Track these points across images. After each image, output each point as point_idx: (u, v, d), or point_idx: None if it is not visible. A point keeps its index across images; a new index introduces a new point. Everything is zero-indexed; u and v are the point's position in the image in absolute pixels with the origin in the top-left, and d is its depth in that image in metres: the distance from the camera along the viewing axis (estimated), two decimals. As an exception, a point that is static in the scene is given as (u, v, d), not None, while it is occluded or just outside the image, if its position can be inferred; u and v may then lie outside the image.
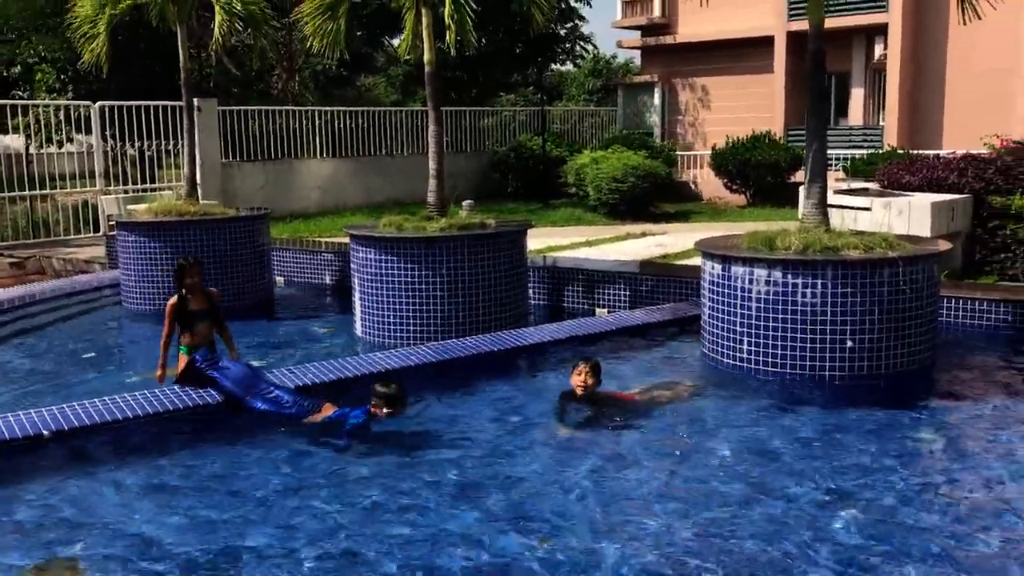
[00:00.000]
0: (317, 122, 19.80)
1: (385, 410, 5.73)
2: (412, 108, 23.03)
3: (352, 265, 8.91)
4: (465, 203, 13.07)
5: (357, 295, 8.83)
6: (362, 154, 20.60)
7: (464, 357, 7.37)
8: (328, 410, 5.96)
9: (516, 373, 7.44)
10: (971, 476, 5.25)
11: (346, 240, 9.56)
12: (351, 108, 21.21)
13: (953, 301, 8.34)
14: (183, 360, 6.51)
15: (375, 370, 6.84)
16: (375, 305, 8.59)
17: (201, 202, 12.65)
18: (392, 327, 8.51)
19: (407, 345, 8.05)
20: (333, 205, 19.44)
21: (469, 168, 22.14)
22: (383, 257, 8.49)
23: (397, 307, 8.47)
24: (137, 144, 16.12)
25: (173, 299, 6.55)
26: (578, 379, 6.25)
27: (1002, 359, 7.58)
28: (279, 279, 11.81)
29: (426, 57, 9.20)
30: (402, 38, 10.31)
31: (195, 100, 12.60)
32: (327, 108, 20.89)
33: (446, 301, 8.42)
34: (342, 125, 20.27)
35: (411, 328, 8.45)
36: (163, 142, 16.31)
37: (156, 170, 16.67)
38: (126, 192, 15.73)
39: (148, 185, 16.27)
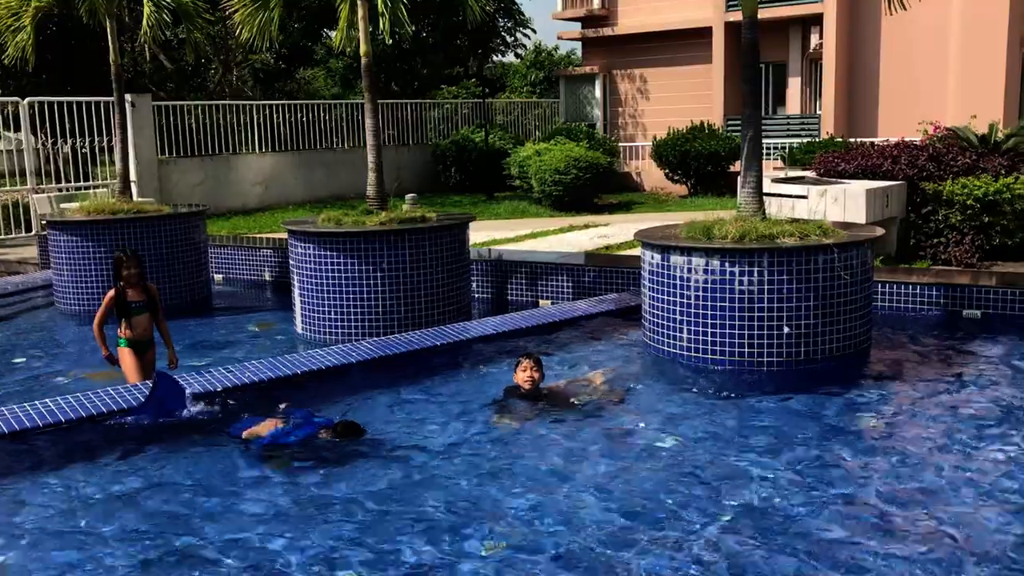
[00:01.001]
0: (256, 116, 19.51)
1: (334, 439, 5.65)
2: (352, 101, 22.78)
3: (291, 261, 8.80)
4: (408, 197, 12.99)
5: (296, 291, 8.72)
6: (303, 148, 20.36)
7: (406, 353, 7.32)
8: (270, 426, 5.79)
9: (459, 368, 7.40)
10: (907, 456, 5.34)
11: (285, 236, 9.43)
12: (290, 102, 20.93)
13: (888, 286, 8.50)
14: (123, 353, 6.57)
15: (314, 368, 6.75)
16: (315, 301, 8.49)
17: (136, 200, 12.41)
18: (332, 323, 8.43)
19: (348, 341, 7.96)
20: (274, 200, 19.20)
21: (412, 161, 22.02)
22: (322, 252, 8.39)
23: (337, 303, 8.39)
24: (70, 141, 15.73)
25: (111, 291, 6.67)
26: (524, 375, 6.23)
27: (935, 341, 7.74)
28: (217, 276, 11.62)
29: (362, 49, 9.09)
30: (337, 29, 10.18)
31: (128, 95, 12.34)
32: (266, 102, 20.59)
33: (387, 296, 8.35)
34: (282, 119, 20.01)
35: (352, 324, 8.37)
36: (97, 138, 15.94)
37: (90, 167, 16.28)
38: (59, 190, 15.33)
39: (82, 183, 15.88)
